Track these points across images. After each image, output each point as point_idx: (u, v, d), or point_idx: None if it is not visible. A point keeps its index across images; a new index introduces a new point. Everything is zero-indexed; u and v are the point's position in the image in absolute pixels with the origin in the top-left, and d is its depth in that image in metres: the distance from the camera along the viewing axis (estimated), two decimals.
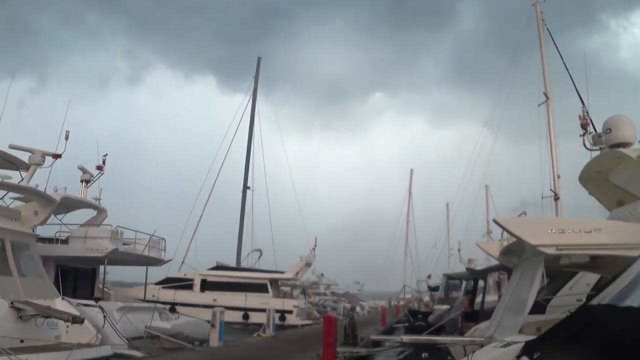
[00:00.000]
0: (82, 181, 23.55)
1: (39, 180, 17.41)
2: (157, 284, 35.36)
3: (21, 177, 17.12)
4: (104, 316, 17.49)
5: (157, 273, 29.60)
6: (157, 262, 25.86)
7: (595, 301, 5.56)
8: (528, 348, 5.82)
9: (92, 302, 18.81)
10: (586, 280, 12.36)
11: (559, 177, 24.66)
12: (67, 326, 15.01)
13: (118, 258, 22.12)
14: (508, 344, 6.95)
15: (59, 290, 18.86)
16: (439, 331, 15.30)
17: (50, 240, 21.42)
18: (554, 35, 26.29)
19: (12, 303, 13.83)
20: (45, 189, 17.52)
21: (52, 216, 20.92)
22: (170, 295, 35.26)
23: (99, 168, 24.12)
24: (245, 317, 35.27)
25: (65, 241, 21.70)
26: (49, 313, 14.36)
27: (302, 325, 34.63)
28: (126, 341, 17.45)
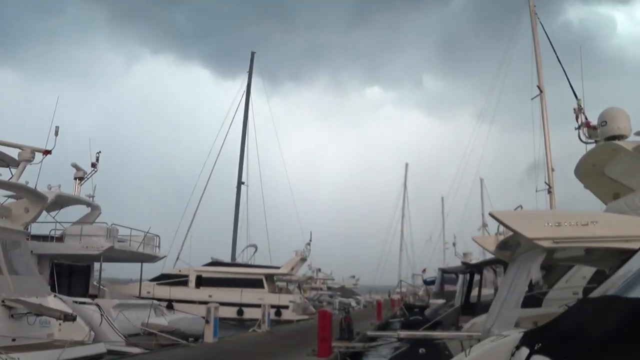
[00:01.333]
0: (75, 178, 23.57)
1: (29, 176, 17.26)
2: (152, 280, 35.19)
3: (11, 173, 16.95)
4: (101, 314, 17.52)
5: (152, 269, 29.47)
6: (152, 258, 25.95)
7: (597, 293, 5.46)
8: (527, 338, 5.73)
9: (88, 300, 18.87)
10: (582, 273, 12.33)
11: (553, 170, 24.66)
12: (60, 324, 14.90)
13: (113, 255, 22.14)
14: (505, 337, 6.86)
15: (54, 287, 18.90)
16: (435, 326, 15.22)
17: (45, 238, 21.41)
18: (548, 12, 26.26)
19: (3, 301, 13.68)
20: (36, 185, 17.32)
21: (46, 214, 20.99)
22: (165, 291, 35.17)
23: (93, 165, 24.14)
24: (240, 312, 35.22)
25: (60, 239, 21.70)
26: (40, 311, 14.23)
27: (298, 321, 34.52)
28: (123, 338, 17.44)
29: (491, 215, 8.50)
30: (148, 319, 19.73)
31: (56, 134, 16.95)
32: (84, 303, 18.32)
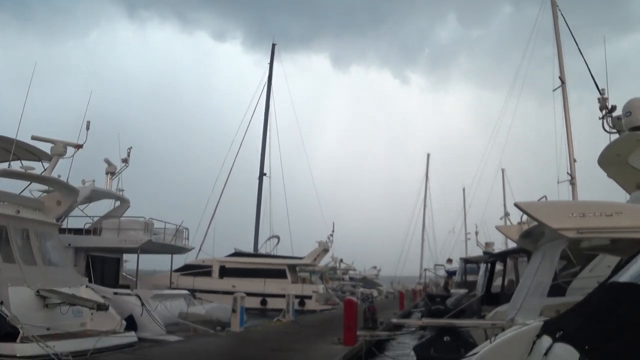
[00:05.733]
0: (107, 173, 24.26)
1: (60, 170, 17.71)
2: (177, 270, 35.57)
3: (43, 167, 17.37)
4: (142, 304, 18.15)
5: (174, 260, 29.91)
6: (182, 250, 26.78)
7: (615, 279, 5.62)
8: (549, 327, 5.88)
9: (128, 291, 19.53)
10: (607, 262, 12.35)
11: (575, 161, 24.59)
12: (92, 313, 15.29)
13: (148, 248, 22.72)
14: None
15: (90, 279, 19.90)
16: (458, 315, 15.35)
17: (78, 231, 22.25)
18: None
19: (38, 291, 14.06)
20: (67, 178, 17.77)
21: (78, 208, 21.74)
22: (189, 282, 35.51)
23: (124, 160, 24.80)
24: (263, 302, 35.56)
25: (96, 232, 22.35)
26: (74, 301, 14.61)
27: (321, 311, 34.85)
28: (163, 328, 18.11)
29: (516, 205, 8.63)
30: (188, 308, 20.46)
31: (87, 128, 17.39)
32: (123, 294, 19.06)
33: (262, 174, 46.67)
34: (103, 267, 22.98)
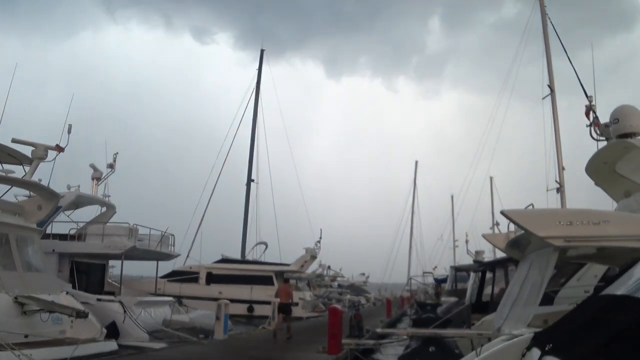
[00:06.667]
0: (93, 179, 24.10)
1: (44, 174, 17.44)
2: (163, 277, 35.27)
3: (24, 171, 17.06)
4: (124, 310, 17.94)
5: (161, 266, 29.68)
6: (168, 257, 26.60)
7: (607, 292, 5.46)
8: (538, 339, 5.72)
9: (111, 297, 19.32)
10: (594, 271, 12.26)
11: (563, 169, 24.53)
12: (72, 321, 14.98)
13: (133, 254, 22.51)
14: (516, 337, 6.84)
15: (74, 285, 19.78)
16: (446, 324, 15.14)
17: (63, 237, 22.09)
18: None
19: (16, 298, 13.75)
20: (49, 182, 17.46)
21: (64, 214, 21.51)
22: (176, 288, 35.19)
23: (110, 166, 24.73)
24: (250, 309, 35.28)
25: (80, 237, 22.10)
26: (53, 308, 14.31)
27: (308, 318, 34.61)
28: (147, 334, 17.93)
29: (502, 213, 8.46)
30: (172, 315, 20.24)
31: (69, 131, 17.18)
32: (107, 300, 18.84)
33: (249, 180, 46.45)
34: (88, 273, 22.75)
